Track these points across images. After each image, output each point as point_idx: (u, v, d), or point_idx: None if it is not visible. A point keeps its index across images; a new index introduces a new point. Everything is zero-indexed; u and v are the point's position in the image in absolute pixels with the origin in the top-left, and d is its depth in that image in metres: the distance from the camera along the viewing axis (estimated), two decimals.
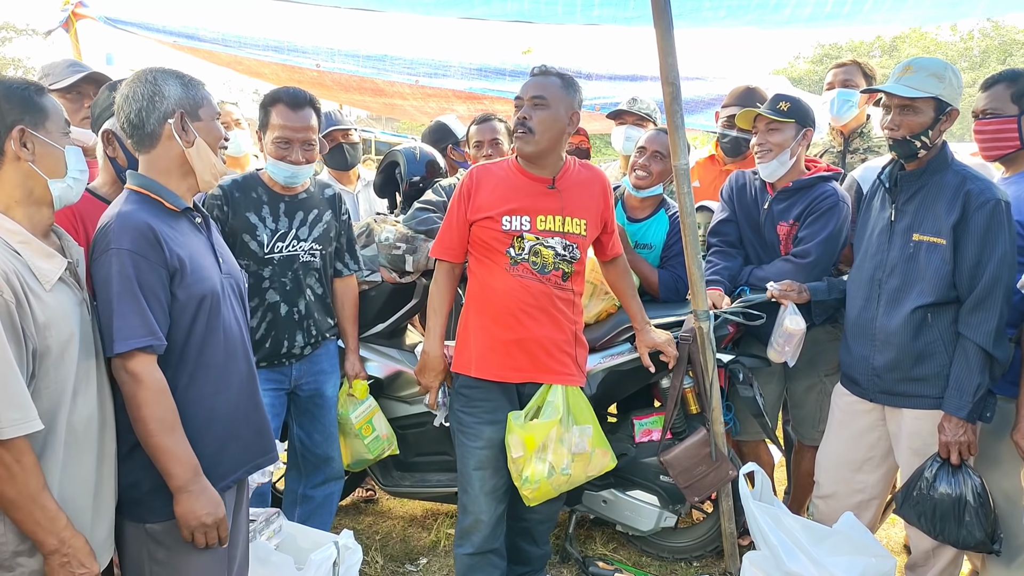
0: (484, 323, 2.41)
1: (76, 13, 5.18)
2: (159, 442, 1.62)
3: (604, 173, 2.59)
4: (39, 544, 1.48)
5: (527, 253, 2.35)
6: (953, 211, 2.23)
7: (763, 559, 2.44)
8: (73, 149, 1.60)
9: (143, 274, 1.62)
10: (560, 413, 2.35)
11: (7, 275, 1.44)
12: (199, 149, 1.76)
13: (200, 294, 1.73)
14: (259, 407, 1.92)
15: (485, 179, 2.43)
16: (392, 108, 6.56)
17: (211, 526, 1.68)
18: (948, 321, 2.28)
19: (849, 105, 3.30)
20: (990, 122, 2.40)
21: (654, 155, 2.98)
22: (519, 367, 2.40)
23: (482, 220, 2.38)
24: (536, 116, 2.32)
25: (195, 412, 1.73)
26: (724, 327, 2.70)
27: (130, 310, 1.60)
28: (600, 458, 2.48)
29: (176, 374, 1.70)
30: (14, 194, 1.54)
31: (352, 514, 3.55)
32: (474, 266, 2.46)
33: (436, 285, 2.52)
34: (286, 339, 2.62)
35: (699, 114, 4.79)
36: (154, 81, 1.73)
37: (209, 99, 1.82)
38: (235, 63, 5.68)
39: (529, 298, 2.36)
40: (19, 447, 1.43)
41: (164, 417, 1.62)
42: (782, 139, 2.72)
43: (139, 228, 1.64)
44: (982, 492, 2.22)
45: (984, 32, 28.31)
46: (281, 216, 2.59)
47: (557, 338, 2.40)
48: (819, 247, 2.67)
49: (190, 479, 1.65)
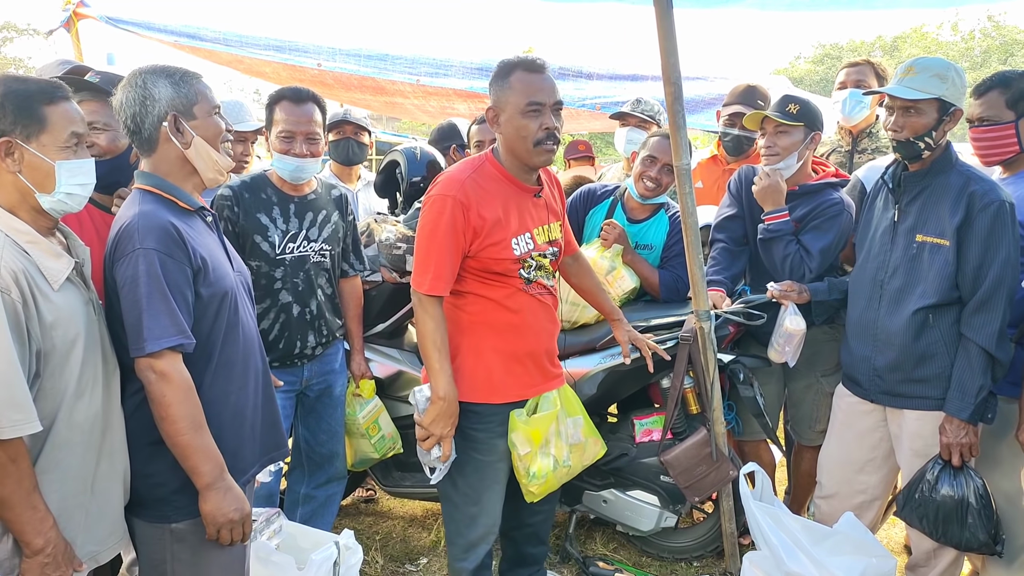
0: (500, 344, 2.24)
1: (77, 13, 5.19)
2: (188, 440, 1.62)
3: None
4: (25, 544, 1.48)
5: (534, 269, 2.26)
6: (957, 212, 2.22)
7: (763, 559, 2.44)
8: (71, 164, 1.56)
9: (170, 273, 1.62)
10: (556, 406, 2.35)
11: (15, 275, 1.45)
12: (198, 148, 1.75)
13: (222, 292, 1.73)
14: (272, 401, 1.94)
15: (478, 197, 2.13)
16: (393, 107, 6.55)
17: (237, 523, 1.69)
18: (950, 322, 2.28)
19: (861, 106, 3.29)
20: (988, 129, 2.38)
21: (665, 167, 2.93)
22: (534, 382, 2.33)
23: (489, 247, 2.15)
24: (560, 125, 2.18)
25: (218, 409, 1.73)
26: (725, 327, 2.71)
27: (160, 309, 1.59)
28: (592, 447, 2.48)
29: (200, 372, 1.70)
30: (12, 198, 1.55)
31: (352, 514, 3.55)
32: (475, 288, 2.23)
33: (433, 321, 2.13)
34: (299, 339, 2.63)
35: (700, 114, 4.78)
36: (143, 85, 1.70)
37: (205, 93, 1.77)
38: (236, 62, 5.68)
39: (544, 312, 2.32)
40: (16, 448, 1.44)
41: (193, 415, 1.62)
42: (790, 142, 2.69)
43: (163, 227, 1.63)
44: (984, 494, 2.22)
45: (985, 32, 28.28)
46: (291, 217, 2.60)
47: (553, 345, 2.40)
48: (818, 257, 2.65)
49: (217, 476, 1.65)
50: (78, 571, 1.58)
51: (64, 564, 1.53)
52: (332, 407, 2.82)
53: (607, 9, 7.82)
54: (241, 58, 5.47)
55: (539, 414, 2.33)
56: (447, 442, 2.17)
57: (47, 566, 1.49)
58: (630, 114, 3.71)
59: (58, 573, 1.51)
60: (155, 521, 1.72)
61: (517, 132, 2.13)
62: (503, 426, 2.28)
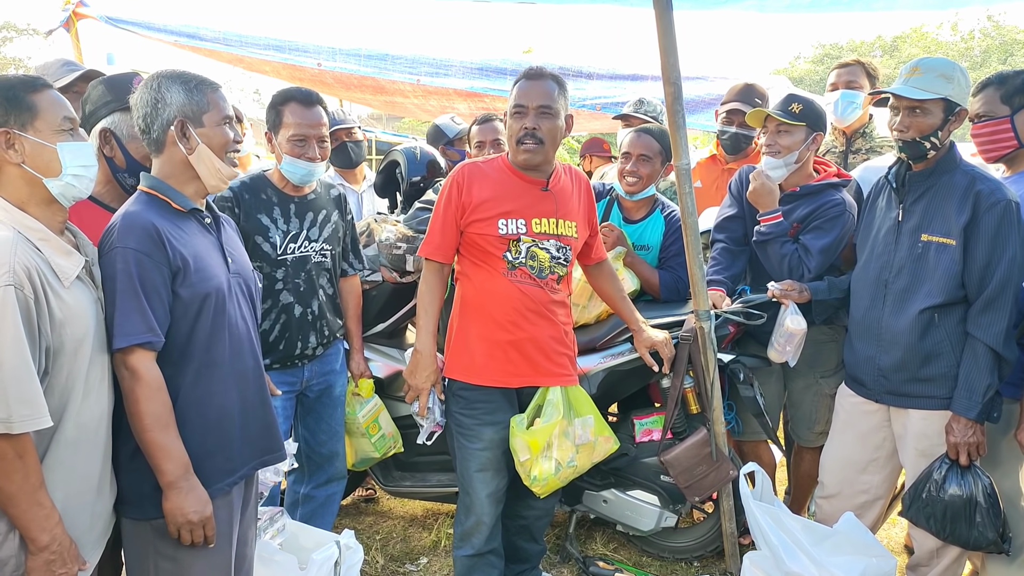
0: (482, 328, 2.38)
1: (77, 13, 5.19)
2: (152, 437, 1.64)
3: (585, 176, 2.60)
4: (31, 540, 1.48)
5: (524, 256, 2.34)
6: (963, 212, 2.22)
7: (763, 559, 2.44)
8: (71, 145, 1.59)
9: (146, 272, 1.64)
10: (561, 413, 2.36)
11: (29, 271, 1.46)
12: (201, 155, 1.78)
13: (204, 292, 1.74)
14: (266, 405, 1.93)
15: (476, 178, 2.37)
16: (393, 106, 6.56)
17: (196, 524, 1.69)
18: (955, 321, 2.28)
19: (853, 107, 3.29)
20: (985, 125, 2.42)
21: (640, 159, 2.96)
22: (518, 372, 2.39)
23: (476, 223, 2.34)
24: (544, 126, 2.31)
25: (202, 409, 1.75)
26: (725, 327, 2.70)
27: (131, 307, 1.63)
28: (604, 444, 2.50)
29: (181, 372, 1.73)
30: (21, 194, 1.56)
31: (352, 514, 3.55)
32: (468, 269, 2.42)
33: (426, 284, 2.43)
34: (300, 340, 2.62)
35: (700, 114, 4.78)
36: (158, 88, 1.76)
37: (218, 103, 1.81)
38: (236, 61, 5.68)
39: (528, 302, 2.36)
40: (24, 443, 1.44)
41: (158, 413, 1.64)
42: (791, 142, 2.67)
43: (144, 227, 1.66)
44: (992, 492, 2.22)
45: (985, 32, 28.27)
46: (292, 217, 2.59)
47: (553, 340, 2.41)
48: (817, 257, 2.65)
49: (179, 476, 1.67)
50: (83, 570, 1.58)
51: (70, 561, 1.53)
52: (332, 407, 2.81)
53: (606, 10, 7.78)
54: (241, 57, 5.47)
55: (541, 423, 2.34)
56: (423, 395, 2.41)
57: (52, 563, 1.50)
58: (632, 115, 3.71)
59: (63, 570, 1.51)
60: (137, 518, 1.74)
61: (508, 130, 2.39)
62: (491, 415, 2.39)
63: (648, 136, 2.96)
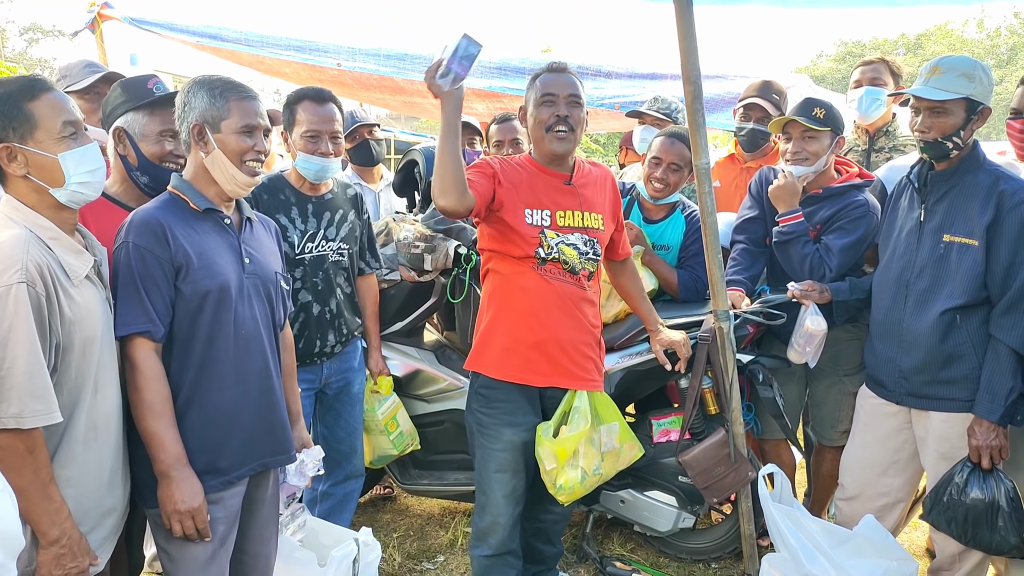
0: (505, 323, 2.36)
1: (102, 14, 5.26)
2: (147, 426, 1.70)
3: (609, 170, 2.60)
4: (41, 535, 1.51)
5: (555, 252, 2.32)
6: (987, 212, 2.19)
7: (782, 561, 2.42)
8: (73, 153, 1.58)
9: (146, 266, 1.70)
10: (588, 421, 2.35)
11: (40, 269, 1.48)
12: (215, 160, 1.81)
13: (205, 290, 1.77)
14: (275, 406, 1.94)
15: (505, 168, 2.36)
16: (412, 106, 6.58)
17: (185, 514, 1.72)
18: (978, 323, 2.25)
19: (877, 104, 3.25)
20: (1020, 121, 2.36)
21: (671, 167, 2.95)
22: (540, 371, 2.36)
23: (504, 208, 2.30)
24: (575, 115, 2.32)
25: (202, 404, 1.79)
26: (744, 327, 2.69)
27: (131, 299, 1.70)
28: (628, 451, 2.50)
29: (183, 366, 1.77)
30: (31, 199, 1.58)
31: (370, 511, 3.57)
32: (497, 264, 2.40)
33: None
34: (319, 338, 2.64)
35: (719, 112, 4.75)
36: (187, 92, 1.82)
37: (241, 111, 1.82)
38: (257, 63, 5.73)
39: (557, 299, 2.34)
40: (34, 438, 1.47)
41: (152, 401, 1.70)
42: (818, 147, 2.67)
43: (147, 223, 1.73)
44: (1015, 496, 2.18)
45: (1011, 29, 27.82)
46: (310, 217, 2.62)
47: (580, 341, 2.38)
48: (838, 256, 2.63)
49: (172, 465, 1.71)
50: (94, 564, 1.60)
51: (80, 555, 1.55)
52: (351, 405, 2.84)
53: (626, 6, 7.79)
54: (262, 58, 5.51)
55: (568, 432, 2.33)
56: None
57: (63, 556, 1.52)
58: (647, 112, 3.70)
59: (74, 564, 1.54)
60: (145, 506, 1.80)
61: (535, 120, 2.34)
62: (511, 415, 2.37)
63: (681, 144, 2.92)
